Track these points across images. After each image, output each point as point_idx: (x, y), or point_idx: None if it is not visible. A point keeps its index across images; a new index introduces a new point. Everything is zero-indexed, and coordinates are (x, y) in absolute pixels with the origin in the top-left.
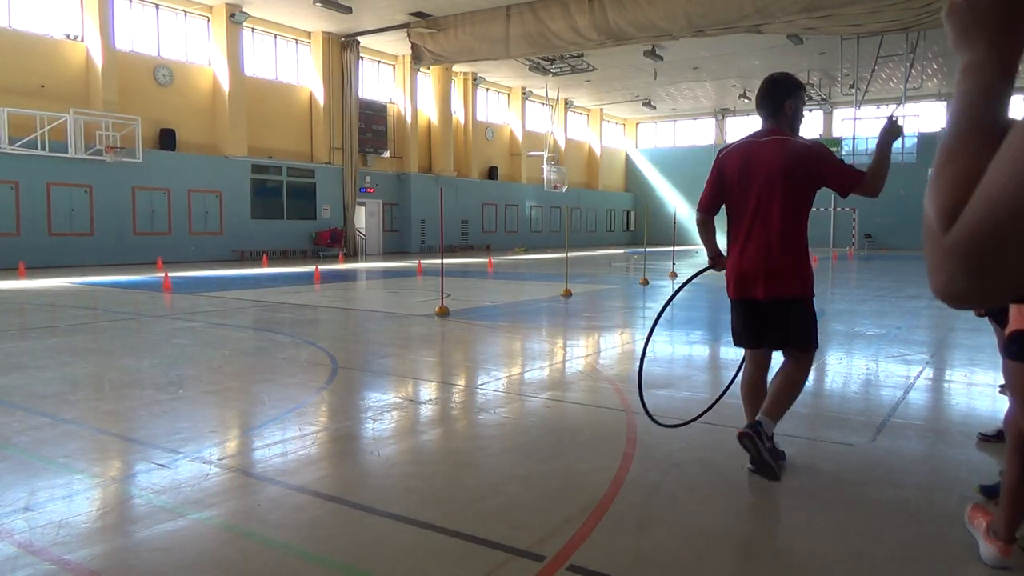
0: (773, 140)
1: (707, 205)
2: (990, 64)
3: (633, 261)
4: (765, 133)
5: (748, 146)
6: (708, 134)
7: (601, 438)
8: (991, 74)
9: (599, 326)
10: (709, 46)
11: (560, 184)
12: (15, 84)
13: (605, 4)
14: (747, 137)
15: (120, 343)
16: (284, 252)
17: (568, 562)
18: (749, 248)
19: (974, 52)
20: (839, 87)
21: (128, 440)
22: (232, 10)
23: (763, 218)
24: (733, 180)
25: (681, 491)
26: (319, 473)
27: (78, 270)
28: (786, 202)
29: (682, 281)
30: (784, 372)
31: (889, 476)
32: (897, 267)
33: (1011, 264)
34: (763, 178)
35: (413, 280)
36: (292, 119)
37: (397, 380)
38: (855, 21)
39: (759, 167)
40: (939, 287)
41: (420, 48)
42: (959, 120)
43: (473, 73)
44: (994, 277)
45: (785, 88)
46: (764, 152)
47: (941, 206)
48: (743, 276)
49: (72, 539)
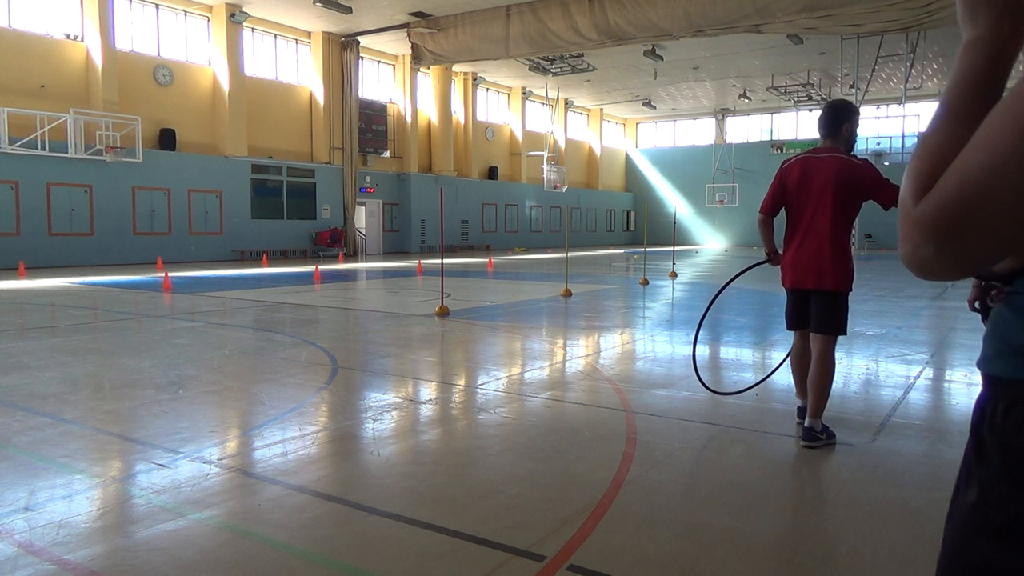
0: (830, 157)
1: (768, 208)
2: (993, 40)
3: (633, 261)
4: (824, 150)
5: (808, 160)
6: (708, 134)
7: (601, 438)
8: (993, 50)
9: (599, 326)
10: (709, 46)
11: (560, 184)
12: (15, 84)
13: (605, 4)
14: (807, 152)
15: (120, 343)
16: (284, 252)
17: (568, 562)
18: (804, 247)
19: (978, 27)
20: (839, 87)
21: (128, 440)
22: (232, 10)
23: (816, 222)
24: (793, 189)
25: (681, 491)
26: (319, 473)
27: (78, 270)
28: (836, 210)
29: (738, 271)
30: (812, 363)
31: (889, 476)
32: (897, 267)
33: (976, 240)
34: (819, 189)
35: (413, 280)
36: (292, 119)
37: (397, 380)
38: (855, 21)
39: (816, 179)
40: (906, 256)
41: (420, 48)
42: (951, 94)
43: (473, 73)
44: (959, 251)
45: (844, 113)
46: (822, 166)
47: (916, 176)
48: (797, 270)
49: (72, 539)
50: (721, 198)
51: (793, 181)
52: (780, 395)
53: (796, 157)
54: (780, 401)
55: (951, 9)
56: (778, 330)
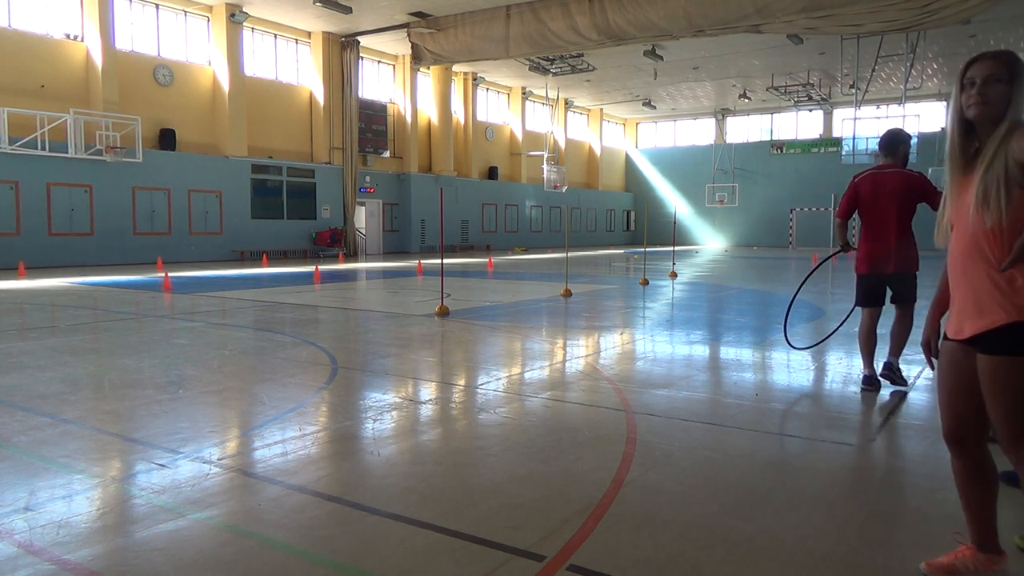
0: (894, 171)
1: (844, 213)
2: None
3: (633, 261)
4: (887, 166)
5: (876, 175)
6: (708, 134)
7: (601, 438)
8: None
9: (599, 326)
10: (709, 46)
11: (560, 184)
12: (15, 84)
13: (605, 4)
14: (873, 168)
15: (120, 343)
16: (284, 252)
17: (568, 562)
18: (880, 241)
19: None
20: (839, 87)
21: (128, 440)
22: (232, 10)
23: (887, 222)
24: (866, 197)
25: (681, 491)
26: (319, 473)
27: (78, 270)
28: (901, 211)
29: (821, 260)
30: (898, 321)
31: (889, 476)
32: None
33: None
34: (887, 196)
35: (413, 280)
36: (292, 119)
37: (397, 380)
38: (855, 21)
39: (884, 188)
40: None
41: (420, 48)
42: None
43: (473, 73)
44: None
45: (900, 138)
46: (887, 179)
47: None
48: (875, 259)
49: (72, 539)
50: (721, 198)
51: (865, 191)
52: (780, 395)
53: (865, 172)
54: (780, 401)
55: (951, 9)
56: (778, 330)
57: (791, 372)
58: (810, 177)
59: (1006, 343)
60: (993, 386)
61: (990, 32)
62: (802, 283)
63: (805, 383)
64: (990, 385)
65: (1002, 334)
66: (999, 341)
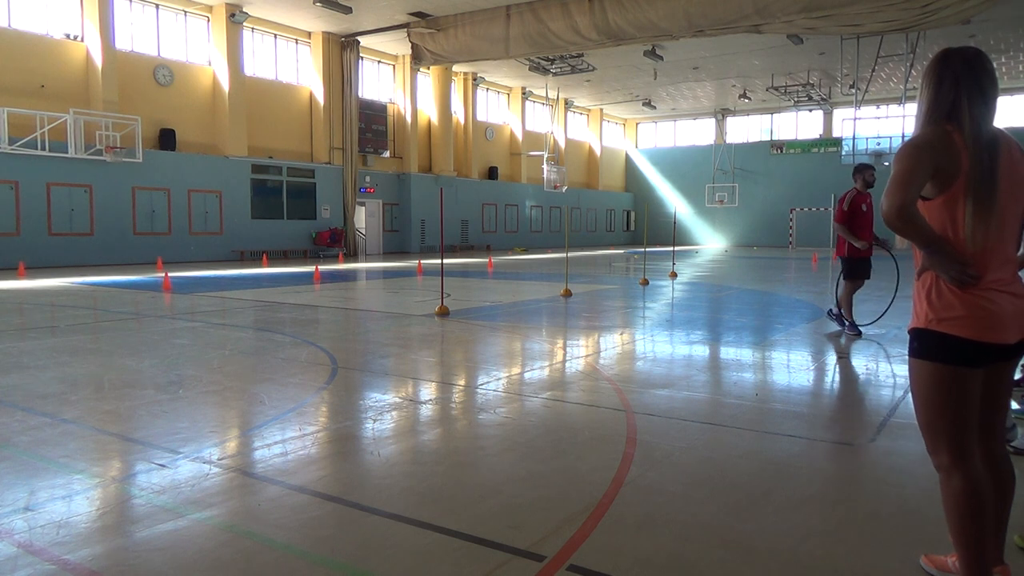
0: None
1: (842, 218)
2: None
3: (633, 261)
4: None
5: None
6: (708, 134)
7: (601, 438)
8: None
9: (599, 326)
10: (709, 46)
11: (560, 184)
12: (15, 84)
13: (605, 4)
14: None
15: (120, 343)
16: (284, 252)
17: (568, 562)
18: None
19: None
20: (839, 87)
21: (128, 440)
22: (232, 10)
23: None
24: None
25: (681, 491)
26: (319, 473)
27: (78, 270)
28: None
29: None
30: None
31: (889, 476)
32: (901, 267)
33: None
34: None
35: (413, 280)
36: (292, 119)
37: (397, 380)
38: (855, 21)
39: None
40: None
41: (420, 48)
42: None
43: (473, 73)
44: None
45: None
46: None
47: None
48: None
49: (72, 539)
50: (721, 198)
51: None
52: (780, 395)
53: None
54: (780, 401)
55: (951, 9)
56: (778, 330)
57: (791, 372)
58: (810, 177)
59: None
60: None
61: (990, 32)
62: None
63: (805, 383)
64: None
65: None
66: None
